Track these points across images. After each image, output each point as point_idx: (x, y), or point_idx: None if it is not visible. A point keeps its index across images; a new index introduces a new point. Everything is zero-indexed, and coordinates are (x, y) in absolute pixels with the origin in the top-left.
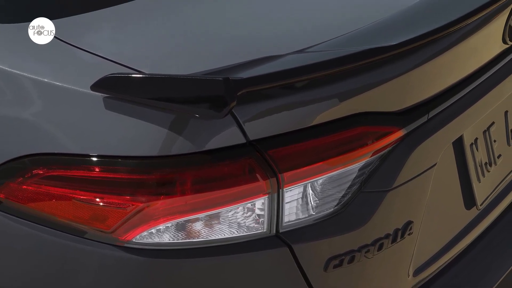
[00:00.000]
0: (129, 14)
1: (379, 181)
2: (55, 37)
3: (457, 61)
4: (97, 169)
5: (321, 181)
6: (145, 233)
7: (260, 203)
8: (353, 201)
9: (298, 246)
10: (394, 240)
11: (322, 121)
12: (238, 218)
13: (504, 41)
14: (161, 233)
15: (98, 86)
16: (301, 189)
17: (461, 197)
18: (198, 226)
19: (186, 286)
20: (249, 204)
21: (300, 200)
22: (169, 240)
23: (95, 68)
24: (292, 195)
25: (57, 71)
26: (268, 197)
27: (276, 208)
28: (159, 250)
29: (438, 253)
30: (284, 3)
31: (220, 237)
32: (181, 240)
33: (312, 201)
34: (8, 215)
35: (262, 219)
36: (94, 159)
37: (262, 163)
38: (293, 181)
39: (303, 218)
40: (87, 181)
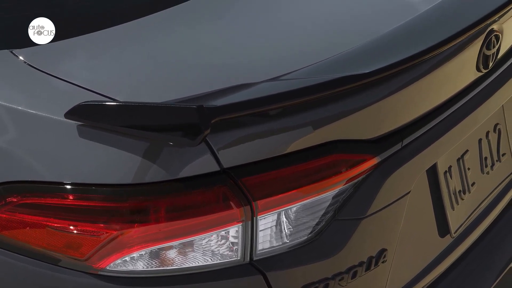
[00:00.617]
0: (103, 42)
1: (353, 209)
2: (29, 65)
3: (431, 89)
4: (71, 197)
5: (295, 209)
6: (119, 261)
7: (234, 231)
8: (327, 229)
9: (272, 274)
10: (368, 268)
11: (296, 149)
12: (212, 246)
13: (478, 69)
14: (135, 261)
15: (72, 114)
16: (275, 217)
17: (435, 225)
18: (172, 254)
19: None
20: (223, 232)
21: (274, 228)
22: (143, 268)
23: (69, 96)
24: (266, 223)
25: (31, 99)
26: (242, 225)
27: (250, 236)
28: (133, 278)
29: (412, 281)
30: (259, 30)
31: (194, 265)
32: (155, 268)
33: (286, 229)
34: None
35: (236, 247)
36: (68, 187)
37: (236, 191)
38: (267, 209)
39: (277, 246)
40: (61, 209)
